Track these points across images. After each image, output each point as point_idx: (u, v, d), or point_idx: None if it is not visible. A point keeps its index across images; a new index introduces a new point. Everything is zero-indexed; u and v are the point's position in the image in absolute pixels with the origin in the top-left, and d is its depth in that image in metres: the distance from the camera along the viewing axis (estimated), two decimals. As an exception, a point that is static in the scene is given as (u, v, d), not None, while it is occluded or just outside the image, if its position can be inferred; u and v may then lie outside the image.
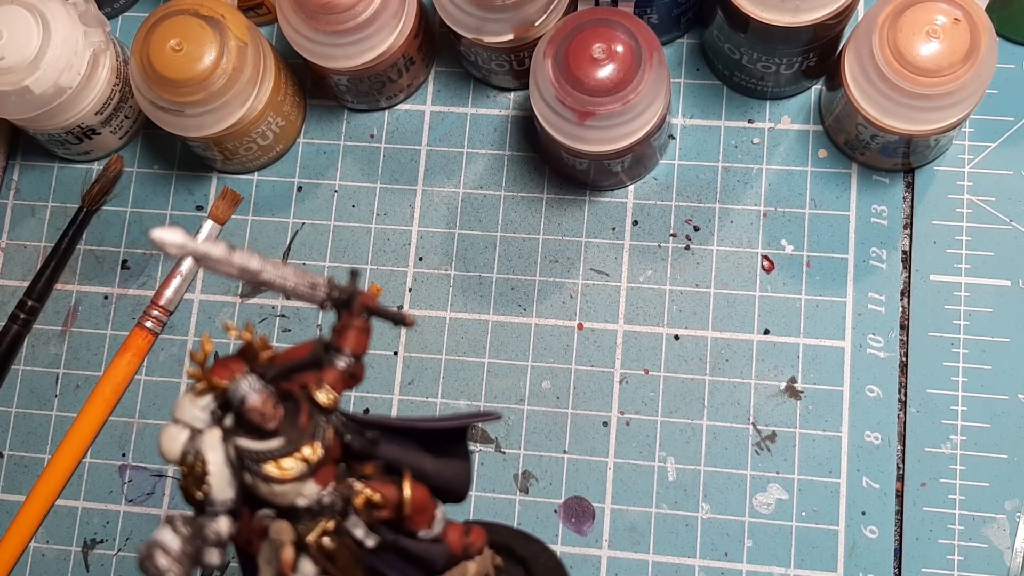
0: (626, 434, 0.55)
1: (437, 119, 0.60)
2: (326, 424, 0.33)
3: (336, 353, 0.34)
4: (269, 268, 0.33)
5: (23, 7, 0.54)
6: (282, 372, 0.33)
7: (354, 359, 0.34)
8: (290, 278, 0.33)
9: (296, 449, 0.32)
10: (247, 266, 0.32)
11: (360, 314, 0.34)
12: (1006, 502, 0.52)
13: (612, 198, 0.57)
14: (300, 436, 0.32)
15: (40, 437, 0.58)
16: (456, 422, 0.37)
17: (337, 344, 0.34)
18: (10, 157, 0.62)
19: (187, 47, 0.52)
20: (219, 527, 0.32)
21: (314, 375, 0.34)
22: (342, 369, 0.34)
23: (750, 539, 0.53)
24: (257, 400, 0.31)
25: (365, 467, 0.34)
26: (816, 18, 0.50)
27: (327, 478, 0.33)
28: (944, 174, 0.56)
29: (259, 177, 0.60)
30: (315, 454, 0.32)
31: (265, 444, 0.32)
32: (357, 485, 0.34)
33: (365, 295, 0.34)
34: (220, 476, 0.32)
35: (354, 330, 0.34)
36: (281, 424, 0.32)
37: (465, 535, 0.38)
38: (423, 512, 0.35)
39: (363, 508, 0.34)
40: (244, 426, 0.32)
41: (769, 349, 0.55)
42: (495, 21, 0.53)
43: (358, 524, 0.34)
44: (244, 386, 0.31)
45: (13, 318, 0.58)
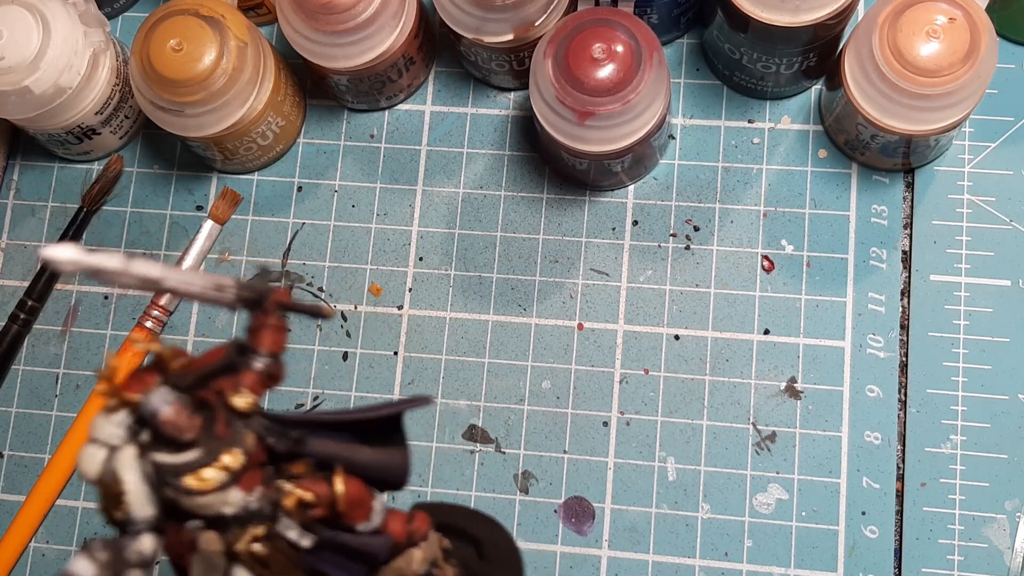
0: (626, 434, 0.55)
1: (437, 119, 0.60)
2: (245, 429, 0.32)
3: (252, 355, 0.33)
4: (171, 275, 0.31)
5: (23, 7, 0.54)
6: (197, 380, 0.32)
7: (271, 359, 0.33)
8: (195, 283, 0.32)
9: (215, 458, 0.31)
10: (147, 275, 0.31)
11: (274, 312, 0.33)
12: (1006, 502, 0.52)
13: (612, 198, 0.57)
14: (219, 445, 0.31)
15: (40, 437, 0.58)
16: (386, 410, 0.36)
17: (252, 345, 0.33)
18: (10, 157, 0.62)
19: (187, 47, 0.52)
20: (142, 546, 0.31)
21: (231, 380, 0.32)
22: (259, 371, 0.33)
23: (750, 539, 0.53)
24: (170, 412, 0.30)
25: (294, 467, 0.34)
26: (816, 18, 0.50)
27: (252, 483, 0.32)
28: (944, 174, 0.56)
29: (259, 177, 0.60)
30: (236, 461, 0.31)
31: (182, 457, 0.31)
32: (286, 486, 0.33)
33: (277, 292, 0.33)
34: (138, 494, 0.31)
35: (268, 329, 0.33)
36: (199, 434, 0.31)
37: (408, 522, 0.37)
38: (359, 506, 0.35)
39: (295, 509, 0.33)
40: (160, 440, 0.31)
41: (769, 349, 0.55)
42: (495, 21, 0.53)
43: (291, 526, 0.33)
44: (155, 399, 0.30)
45: (13, 318, 0.58)
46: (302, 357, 0.57)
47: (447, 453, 0.55)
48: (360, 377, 0.57)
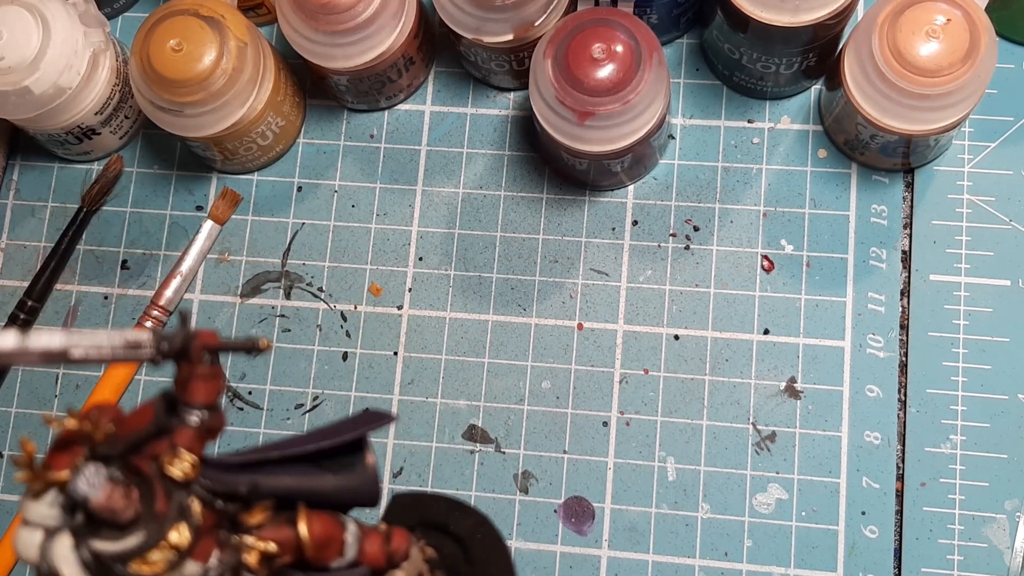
0: (626, 434, 0.55)
1: (437, 119, 0.60)
2: (189, 498, 0.29)
3: (186, 408, 0.30)
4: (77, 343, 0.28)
5: (23, 7, 0.54)
6: (128, 448, 0.29)
7: (207, 411, 0.30)
8: (104, 346, 0.29)
9: (161, 538, 0.28)
10: (48, 349, 0.28)
11: (200, 359, 0.30)
12: (1006, 502, 0.52)
13: (612, 198, 0.57)
14: (162, 522, 0.28)
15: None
16: (345, 436, 0.34)
17: (183, 398, 0.30)
18: (10, 157, 0.62)
19: (187, 47, 0.52)
20: None
21: (166, 442, 0.30)
22: (195, 426, 0.30)
23: (750, 539, 0.53)
24: (101, 497, 0.27)
25: (253, 515, 0.31)
26: (816, 18, 0.50)
27: (208, 551, 0.30)
28: (944, 174, 0.56)
29: (259, 177, 0.60)
30: (183, 538, 0.28)
31: (124, 543, 0.28)
32: (248, 541, 0.31)
33: (202, 336, 0.30)
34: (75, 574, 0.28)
35: (198, 379, 0.30)
36: (138, 512, 0.28)
37: (386, 543, 0.35)
38: (327, 546, 0.32)
39: (259, 565, 0.31)
40: (97, 524, 0.28)
41: (769, 349, 0.55)
42: (495, 21, 0.53)
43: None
44: (83, 484, 0.27)
45: (13, 318, 0.58)
46: (302, 357, 0.57)
47: (447, 453, 0.55)
48: (360, 377, 0.57)
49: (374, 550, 0.35)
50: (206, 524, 0.30)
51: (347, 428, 0.34)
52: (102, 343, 0.29)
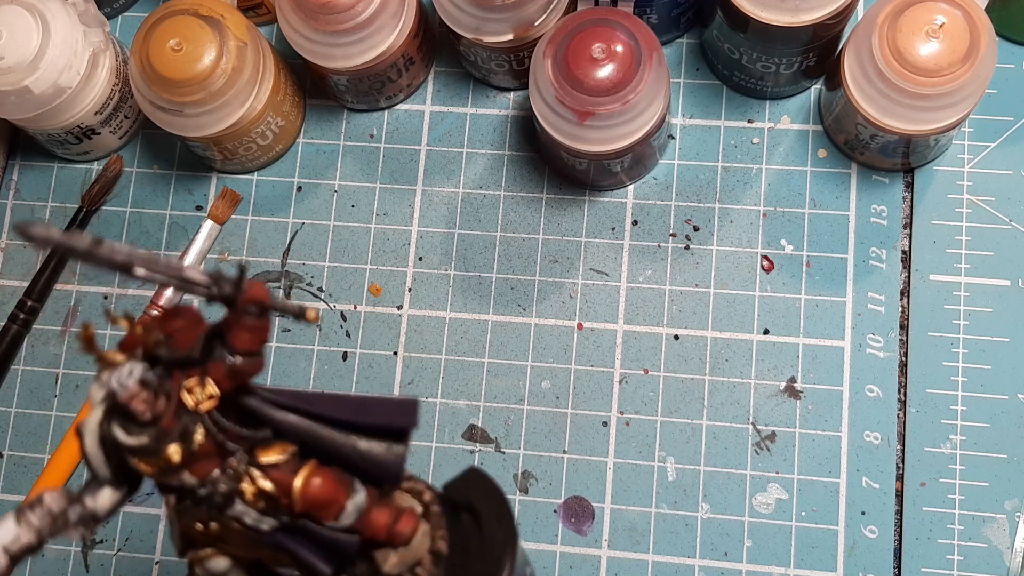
0: (626, 434, 0.55)
1: (437, 119, 0.60)
2: (196, 425, 0.32)
3: (225, 347, 0.32)
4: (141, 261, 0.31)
5: (23, 7, 0.54)
6: (174, 361, 0.32)
7: (245, 356, 0.32)
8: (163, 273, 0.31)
9: (158, 448, 0.31)
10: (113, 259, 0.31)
11: (248, 310, 0.32)
12: (1006, 502, 0.52)
13: (612, 198, 0.57)
14: (165, 436, 0.31)
15: (40, 437, 0.58)
16: (393, 421, 0.35)
17: (227, 339, 0.32)
18: (10, 157, 0.62)
19: (187, 47, 0.52)
20: (100, 501, 0.33)
21: (196, 371, 0.32)
22: (229, 365, 0.32)
23: (750, 539, 0.53)
24: (124, 395, 0.30)
25: (268, 453, 0.33)
26: (816, 18, 0.50)
27: (207, 470, 0.32)
28: (944, 174, 0.56)
29: (259, 177, 0.60)
30: (174, 458, 0.31)
31: (131, 439, 0.31)
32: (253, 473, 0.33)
33: (252, 290, 0.32)
34: (95, 457, 0.32)
35: (242, 328, 0.32)
36: (155, 416, 0.31)
37: (392, 523, 0.35)
38: (323, 507, 0.33)
39: (253, 500, 0.33)
40: (121, 412, 0.31)
41: (769, 349, 0.55)
42: (495, 21, 0.53)
43: (249, 513, 0.33)
44: (115, 379, 0.30)
45: (13, 318, 0.58)
46: (301, 357, 0.57)
47: (447, 453, 0.55)
48: (360, 377, 0.57)
49: (378, 523, 0.35)
50: (204, 450, 0.32)
51: (391, 408, 0.35)
52: (162, 268, 0.31)
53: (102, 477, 0.33)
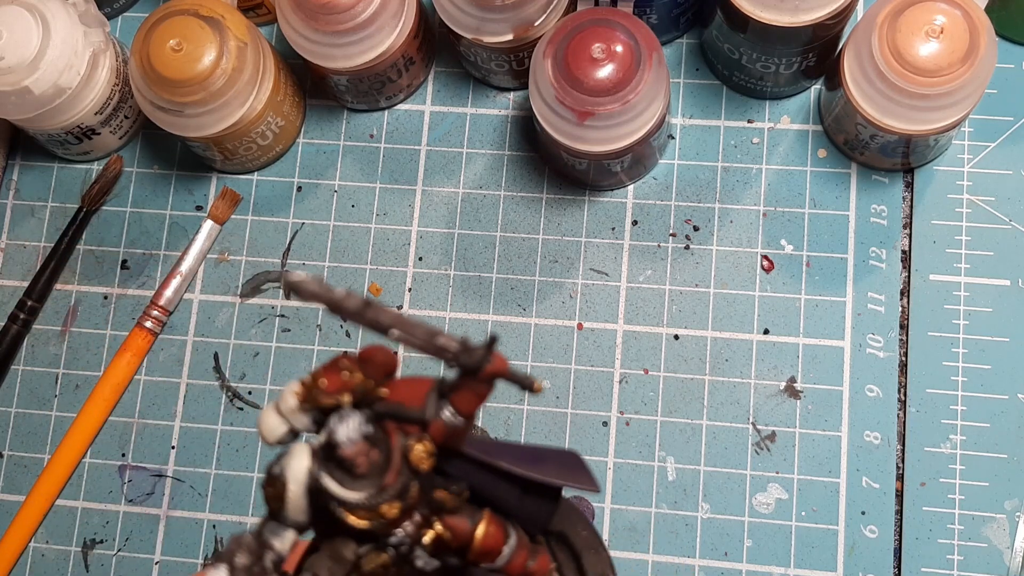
0: (626, 434, 0.55)
1: (437, 119, 0.60)
2: (413, 482, 0.32)
3: (446, 405, 0.32)
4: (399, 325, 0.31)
5: (23, 7, 0.54)
6: (391, 414, 0.32)
7: (463, 418, 0.32)
8: (419, 337, 0.31)
9: (378, 505, 0.31)
10: (378, 320, 0.31)
11: (482, 381, 0.32)
12: (1006, 502, 0.52)
13: (612, 198, 0.57)
14: (383, 491, 0.31)
15: (40, 437, 0.58)
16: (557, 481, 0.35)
17: (451, 400, 0.32)
18: (10, 157, 0.62)
19: (187, 47, 0.52)
20: (284, 544, 0.32)
21: (418, 428, 0.32)
22: (447, 423, 0.32)
23: (750, 539, 0.53)
24: (351, 450, 0.30)
25: (447, 495, 0.33)
26: (815, 18, 0.50)
27: (405, 520, 0.33)
28: (944, 174, 0.56)
29: (259, 177, 0.60)
30: (392, 513, 0.31)
31: (345, 492, 0.31)
32: (435, 526, 0.33)
33: (496, 362, 0.32)
34: (297, 502, 0.31)
35: (473, 393, 0.32)
36: (370, 470, 0.31)
37: (529, 560, 0.36)
38: (490, 552, 0.34)
39: (430, 547, 0.33)
40: (334, 460, 0.31)
41: (769, 349, 0.55)
42: (495, 21, 0.53)
43: (422, 557, 0.33)
44: (343, 431, 0.30)
45: (13, 318, 0.58)
46: (302, 357, 0.57)
47: (447, 453, 0.55)
48: (360, 377, 0.57)
49: (518, 564, 0.36)
50: (413, 504, 0.32)
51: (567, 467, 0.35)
52: (419, 333, 0.31)
53: (293, 522, 0.32)
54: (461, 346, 0.31)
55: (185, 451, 0.57)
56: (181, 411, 0.57)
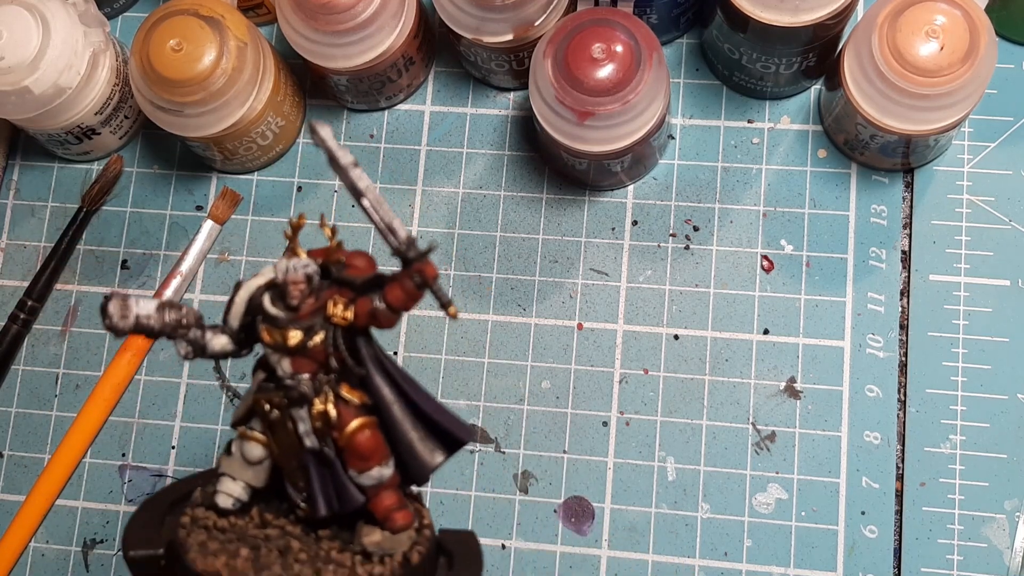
0: (626, 434, 0.55)
1: (437, 119, 0.60)
2: (321, 329, 0.37)
3: (378, 292, 0.37)
4: (370, 195, 0.37)
5: (23, 7, 0.54)
6: (339, 280, 0.37)
7: (388, 309, 0.37)
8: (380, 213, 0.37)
9: (284, 329, 0.37)
10: (355, 183, 0.37)
11: (413, 278, 0.36)
12: (1006, 502, 0.52)
13: (612, 198, 0.57)
14: (296, 322, 0.37)
15: (40, 437, 0.58)
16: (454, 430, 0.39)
17: (384, 290, 0.37)
18: (10, 157, 0.62)
19: (187, 47, 0.52)
20: (214, 340, 0.38)
21: (349, 295, 0.37)
22: (372, 307, 0.37)
23: (750, 539, 0.53)
24: (290, 278, 0.37)
25: (349, 392, 0.38)
26: (815, 18, 0.50)
27: (301, 368, 0.37)
28: (944, 174, 0.56)
29: (259, 177, 0.60)
30: (291, 340, 0.37)
31: (272, 310, 0.37)
32: (324, 393, 0.38)
33: (424, 266, 0.36)
34: (237, 308, 0.38)
35: (400, 288, 0.36)
36: (300, 306, 0.37)
37: (396, 508, 0.39)
38: (359, 458, 0.38)
39: (316, 415, 0.37)
40: (277, 290, 0.37)
41: (769, 349, 0.55)
42: (495, 21, 0.53)
43: (305, 422, 0.38)
44: (295, 263, 0.37)
45: (13, 318, 0.58)
46: (302, 357, 0.57)
47: (447, 453, 0.55)
48: (360, 377, 0.57)
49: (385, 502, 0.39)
50: (315, 354, 0.37)
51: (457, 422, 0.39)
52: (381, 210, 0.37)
53: (228, 327, 0.38)
54: (408, 237, 0.37)
55: (185, 451, 0.57)
56: (181, 411, 0.57)
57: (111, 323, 0.36)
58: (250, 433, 0.39)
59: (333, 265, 0.38)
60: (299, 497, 0.39)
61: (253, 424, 0.39)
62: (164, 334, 0.37)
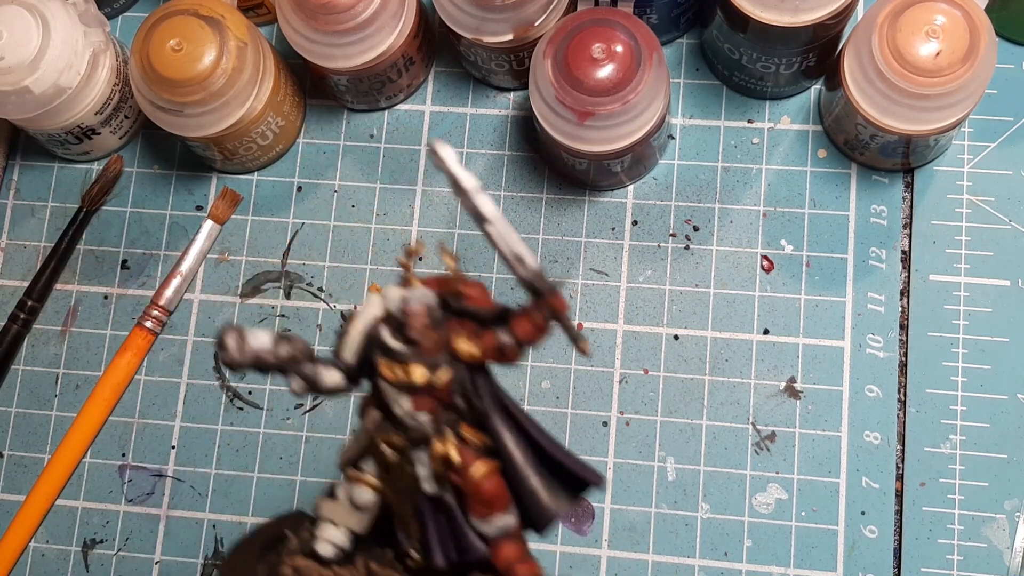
0: (626, 434, 0.55)
1: (437, 119, 0.60)
2: (447, 366, 0.35)
3: (504, 326, 0.35)
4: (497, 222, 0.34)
5: (23, 7, 0.54)
6: (462, 311, 0.35)
7: (515, 343, 0.35)
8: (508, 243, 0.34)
9: (407, 363, 0.34)
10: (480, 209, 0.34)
11: (542, 311, 0.35)
12: (1006, 502, 0.52)
13: (612, 198, 0.57)
14: (419, 357, 0.35)
15: (40, 437, 0.58)
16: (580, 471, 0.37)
17: (510, 323, 0.35)
18: (10, 157, 0.62)
19: (187, 47, 0.52)
20: (327, 375, 0.36)
21: (476, 328, 0.35)
22: (499, 341, 0.35)
23: (750, 539, 0.53)
24: (414, 309, 0.34)
25: (470, 432, 0.36)
26: (816, 18, 0.50)
27: (423, 406, 0.35)
28: (944, 174, 0.56)
29: (259, 177, 0.60)
30: (414, 377, 0.34)
31: (393, 343, 0.35)
32: (449, 439, 0.35)
33: (554, 299, 0.35)
34: (353, 341, 0.36)
35: (530, 321, 0.35)
36: (418, 340, 0.35)
37: (519, 559, 0.37)
38: (483, 504, 0.35)
39: (437, 459, 0.35)
40: (395, 323, 0.35)
41: (769, 349, 0.55)
42: (495, 21, 0.53)
43: (425, 465, 0.35)
44: (417, 295, 0.35)
45: (13, 318, 0.58)
46: (302, 357, 0.57)
47: (447, 453, 0.55)
48: (360, 377, 0.57)
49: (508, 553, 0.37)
50: (439, 392, 0.35)
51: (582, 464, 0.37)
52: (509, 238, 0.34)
53: (343, 361, 0.36)
54: (538, 268, 0.35)
55: (185, 451, 0.57)
56: (181, 411, 0.57)
57: (229, 357, 0.34)
58: (362, 476, 0.37)
59: (451, 296, 0.35)
60: (411, 545, 0.37)
61: (363, 466, 0.37)
62: (279, 369, 0.35)
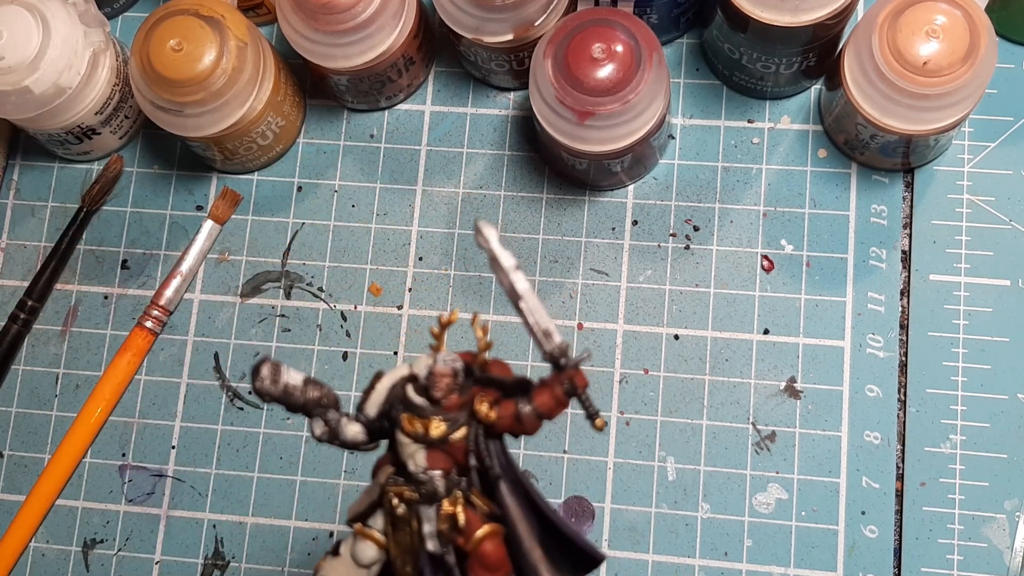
0: (626, 434, 0.55)
1: (437, 119, 0.60)
2: (465, 426, 0.36)
3: (524, 397, 0.37)
4: (529, 299, 0.37)
5: (23, 7, 0.54)
6: (484, 379, 0.37)
7: (534, 413, 0.36)
8: (537, 319, 0.37)
9: (427, 418, 0.36)
10: (515, 286, 0.37)
11: (563, 385, 0.36)
12: (1006, 502, 0.52)
13: (612, 198, 0.57)
14: (438, 412, 0.36)
15: (40, 437, 0.58)
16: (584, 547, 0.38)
17: (531, 392, 0.37)
18: (10, 157, 0.62)
19: (187, 47, 0.52)
20: (349, 426, 0.37)
21: (496, 395, 0.37)
22: (517, 410, 0.36)
23: (750, 539, 0.53)
24: (438, 370, 0.36)
25: (478, 497, 0.37)
26: (816, 18, 0.50)
27: (437, 463, 0.36)
28: (944, 174, 0.56)
29: (259, 177, 0.60)
30: (434, 431, 0.36)
31: (417, 399, 0.36)
32: (454, 495, 0.36)
33: (576, 376, 0.36)
34: (377, 396, 0.37)
35: (551, 394, 0.36)
36: (441, 399, 0.36)
37: None
38: (485, 568, 0.36)
39: (445, 518, 0.36)
40: (421, 383, 0.36)
41: (769, 349, 0.55)
42: (495, 21, 0.53)
43: (431, 523, 0.36)
44: (444, 356, 0.36)
45: (13, 318, 0.58)
46: (302, 357, 0.57)
47: (447, 453, 0.55)
48: (360, 377, 0.57)
49: None
50: (453, 449, 0.36)
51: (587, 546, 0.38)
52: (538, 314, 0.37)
53: (365, 415, 0.37)
54: (563, 344, 0.36)
55: (185, 451, 0.57)
56: (181, 411, 0.57)
57: (262, 386, 0.35)
58: (367, 531, 0.38)
59: (477, 366, 0.37)
60: None
61: (370, 523, 0.38)
62: (305, 409, 0.36)
